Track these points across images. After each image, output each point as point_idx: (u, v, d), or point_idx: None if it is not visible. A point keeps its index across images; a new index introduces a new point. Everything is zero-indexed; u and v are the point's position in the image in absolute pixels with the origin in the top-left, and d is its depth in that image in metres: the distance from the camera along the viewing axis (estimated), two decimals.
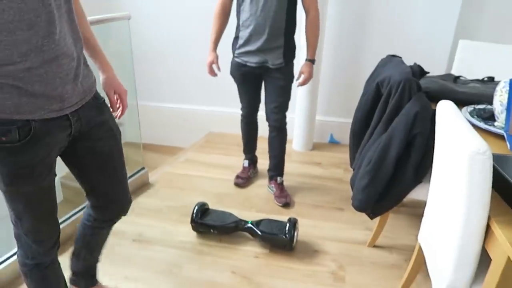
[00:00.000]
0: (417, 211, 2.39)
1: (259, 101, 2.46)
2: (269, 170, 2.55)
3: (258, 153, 2.73)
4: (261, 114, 2.45)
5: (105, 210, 1.45)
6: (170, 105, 3.60)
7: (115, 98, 1.39)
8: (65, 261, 1.82)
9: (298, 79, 2.27)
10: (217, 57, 2.31)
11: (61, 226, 2.03)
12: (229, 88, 2.58)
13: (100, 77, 1.38)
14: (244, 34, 2.16)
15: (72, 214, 2.16)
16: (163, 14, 3.31)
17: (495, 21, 2.89)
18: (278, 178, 2.51)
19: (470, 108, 1.73)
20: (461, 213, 1.04)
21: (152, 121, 3.34)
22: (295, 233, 2.01)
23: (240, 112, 2.52)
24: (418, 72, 1.93)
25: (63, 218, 2.12)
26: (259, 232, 2.04)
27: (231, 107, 3.34)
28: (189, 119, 3.58)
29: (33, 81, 1.00)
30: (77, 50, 1.12)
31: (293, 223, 2.02)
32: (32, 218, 1.19)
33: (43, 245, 1.27)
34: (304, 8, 2.18)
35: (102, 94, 1.34)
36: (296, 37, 2.24)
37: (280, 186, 2.49)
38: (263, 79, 2.32)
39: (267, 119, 2.37)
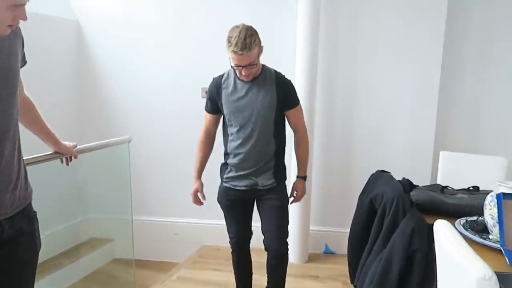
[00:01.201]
0: None
1: (249, 230, 2.29)
2: None
3: (254, 267, 2.52)
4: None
5: None
6: (162, 218, 3.58)
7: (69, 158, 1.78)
8: None
9: (291, 195, 2.24)
10: (202, 185, 2.24)
11: None
12: None
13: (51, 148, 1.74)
14: (233, 161, 2.13)
15: None
16: (158, 133, 3.49)
17: (470, 132, 3.15)
18: None
19: (463, 220, 1.78)
20: None
21: (143, 236, 3.28)
22: None
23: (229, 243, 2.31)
24: (408, 186, 2.03)
25: None
26: None
27: (224, 219, 3.35)
28: (181, 233, 3.54)
29: None
30: (19, 165, 1.28)
31: None
32: None
33: None
34: (292, 127, 2.20)
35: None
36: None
37: None
38: (257, 204, 2.22)
39: (266, 249, 2.21)
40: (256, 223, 2.28)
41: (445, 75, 3.05)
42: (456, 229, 1.41)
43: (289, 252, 3.16)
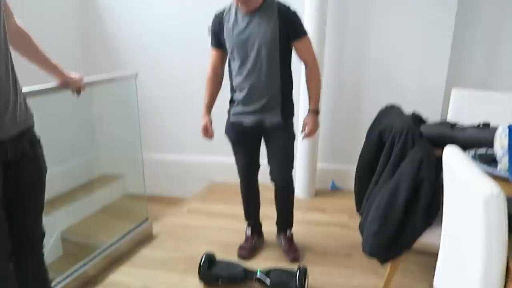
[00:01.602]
0: (428, 257, 2.37)
1: (256, 163, 2.31)
2: (277, 222, 2.47)
3: (265, 203, 2.53)
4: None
5: (18, 246, 1.47)
6: (171, 155, 3.64)
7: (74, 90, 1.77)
8: None
9: (302, 130, 2.18)
10: (211, 121, 2.23)
11: (64, 282, 2.01)
12: None
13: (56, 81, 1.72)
14: (238, 96, 2.12)
15: (75, 269, 2.12)
16: (166, 68, 3.44)
17: (483, 68, 3.06)
18: (288, 231, 2.42)
19: (472, 152, 1.79)
20: (480, 256, 1.07)
21: (153, 173, 3.36)
22: (306, 282, 1.99)
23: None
24: (418, 120, 2.01)
25: (67, 274, 2.07)
26: (269, 283, 2.01)
27: (233, 156, 3.39)
28: (190, 170, 3.61)
29: None
30: (15, 87, 1.30)
31: (303, 271, 2.00)
32: None
33: None
34: (301, 60, 2.13)
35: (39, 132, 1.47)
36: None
37: (289, 241, 2.41)
38: (264, 139, 2.23)
39: (272, 179, 2.27)
40: (264, 158, 2.31)
41: (461, 10, 2.91)
42: None
43: (296, 188, 3.24)
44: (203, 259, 2.11)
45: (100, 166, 3.71)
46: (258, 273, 2.06)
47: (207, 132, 2.25)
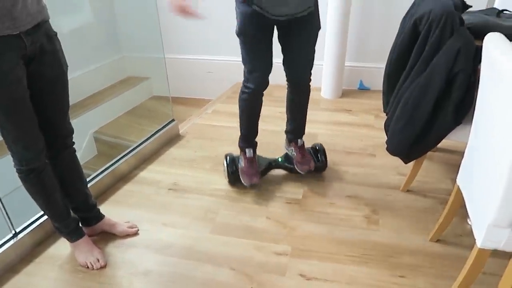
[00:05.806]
0: (451, 157, 2.33)
1: (271, 63, 1.88)
2: (287, 132, 2.18)
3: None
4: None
5: (49, 142, 1.52)
6: (195, 56, 3.56)
7: None
8: (105, 209, 1.91)
9: None
10: None
11: (98, 178, 2.13)
12: None
13: None
14: None
15: (108, 166, 2.23)
16: None
17: None
18: (299, 141, 2.14)
19: None
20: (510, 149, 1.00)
21: (177, 74, 3.32)
22: (325, 158, 2.19)
23: (245, 83, 1.91)
24: (460, 5, 1.79)
25: (100, 170, 2.18)
26: (294, 163, 2.13)
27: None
28: (215, 71, 3.54)
29: None
30: None
31: (321, 148, 2.20)
32: (14, 127, 1.35)
33: (31, 151, 1.43)
34: None
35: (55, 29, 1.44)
36: None
37: (302, 150, 2.12)
38: (283, 33, 1.83)
39: (292, 80, 1.93)
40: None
41: None
42: None
43: (323, 88, 3.15)
44: (227, 162, 2.11)
45: (125, 68, 3.70)
46: (280, 160, 2.18)
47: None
